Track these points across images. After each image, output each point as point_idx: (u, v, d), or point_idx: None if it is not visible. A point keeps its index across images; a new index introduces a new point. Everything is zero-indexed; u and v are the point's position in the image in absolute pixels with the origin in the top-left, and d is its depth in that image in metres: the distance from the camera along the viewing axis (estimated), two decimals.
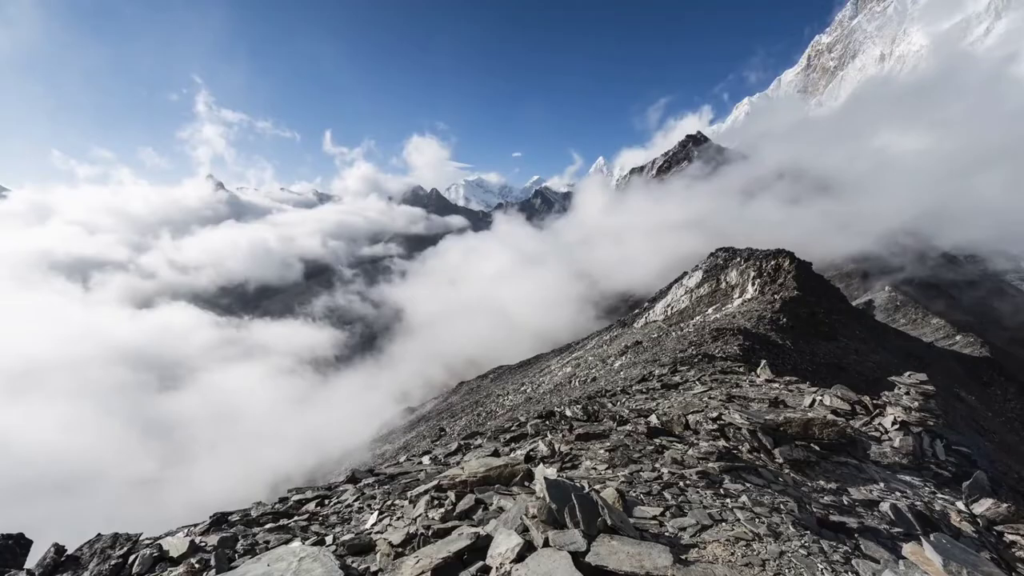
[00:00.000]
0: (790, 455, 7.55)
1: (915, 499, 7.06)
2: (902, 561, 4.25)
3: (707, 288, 41.89)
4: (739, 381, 14.90)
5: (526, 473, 6.44)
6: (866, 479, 7.60)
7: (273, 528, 6.52)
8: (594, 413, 11.61)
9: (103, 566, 5.21)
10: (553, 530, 4.19)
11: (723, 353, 21.65)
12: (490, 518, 5.14)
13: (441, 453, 11.12)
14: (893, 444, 8.84)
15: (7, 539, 6.12)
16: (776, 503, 5.64)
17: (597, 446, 8.15)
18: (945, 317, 59.84)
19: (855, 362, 27.54)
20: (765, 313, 30.47)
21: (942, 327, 56.40)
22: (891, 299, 66.36)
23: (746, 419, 8.26)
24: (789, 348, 25.38)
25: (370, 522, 6.26)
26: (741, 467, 6.87)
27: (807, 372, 22.25)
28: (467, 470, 6.51)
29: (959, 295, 78.50)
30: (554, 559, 3.80)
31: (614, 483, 5.99)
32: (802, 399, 11.38)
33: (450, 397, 54.71)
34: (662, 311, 44.70)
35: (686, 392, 13.92)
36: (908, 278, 76.44)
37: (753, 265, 39.21)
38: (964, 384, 34.53)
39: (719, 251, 47.25)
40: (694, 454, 7.35)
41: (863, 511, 6.26)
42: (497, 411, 32.43)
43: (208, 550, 5.49)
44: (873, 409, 10.12)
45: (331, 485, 9.31)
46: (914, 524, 5.89)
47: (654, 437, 8.51)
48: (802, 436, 8.13)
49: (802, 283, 36.00)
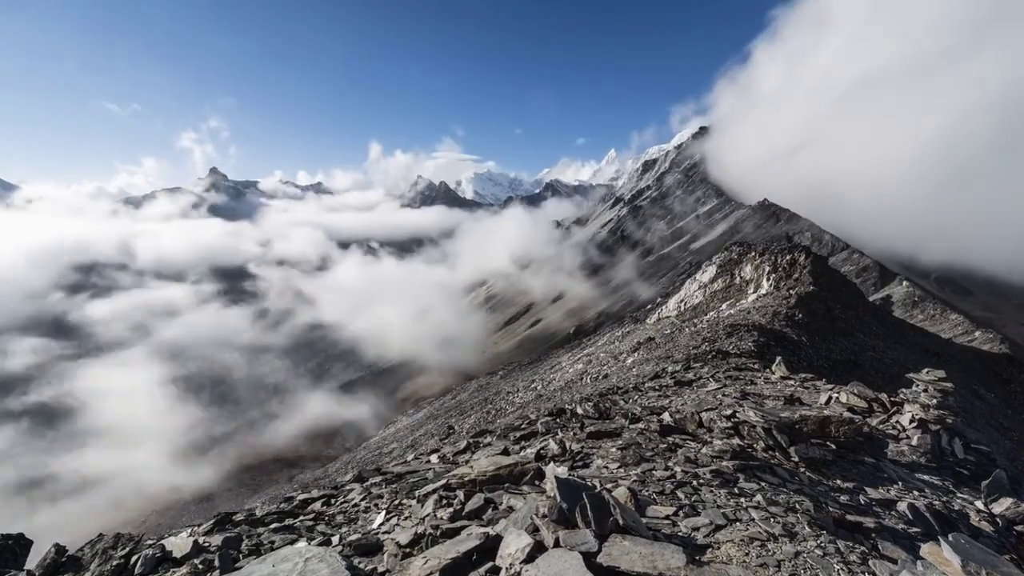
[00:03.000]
0: (806, 454, 7.43)
1: (933, 498, 6.96)
2: (920, 562, 4.15)
3: (721, 283, 41.54)
4: (754, 378, 14.80)
5: (536, 472, 6.39)
6: (883, 478, 7.50)
7: (278, 528, 6.52)
8: (606, 411, 11.55)
9: (105, 567, 5.21)
10: (564, 530, 4.12)
11: (737, 350, 21.48)
12: (500, 518, 5.09)
13: (450, 451, 11.10)
14: (911, 442, 8.76)
15: (7, 539, 6.14)
16: (792, 502, 5.55)
17: (609, 444, 8.08)
18: (964, 313, 59.03)
19: (872, 359, 27.24)
20: (780, 309, 30.17)
21: (961, 323, 55.61)
22: (909, 294, 65.50)
23: (761, 417, 8.14)
24: (805, 344, 25.15)
25: (377, 522, 6.25)
26: (756, 466, 6.76)
27: (823, 369, 22.08)
28: (476, 469, 6.47)
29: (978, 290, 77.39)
30: (565, 559, 3.74)
31: (626, 482, 5.91)
32: (818, 396, 11.29)
33: (459, 394, 54.76)
34: (675, 307, 44.45)
35: (700, 389, 13.84)
36: (926, 272, 75.47)
37: (768, 260, 38.85)
38: (983, 381, 33.94)
39: (733, 246, 46.81)
40: (708, 452, 7.27)
41: (880, 511, 6.15)
42: (507, 409, 32.40)
43: (212, 551, 5.47)
44: (890, 407, 10.03)
45: (337, 484, 9.31)
46: (932, 524, 5.79)
47: (667, 435, 8.44)
48: (818, 434, 8.02)
49: (818, 278, 35.61)
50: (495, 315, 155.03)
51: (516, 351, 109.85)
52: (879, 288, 71.00)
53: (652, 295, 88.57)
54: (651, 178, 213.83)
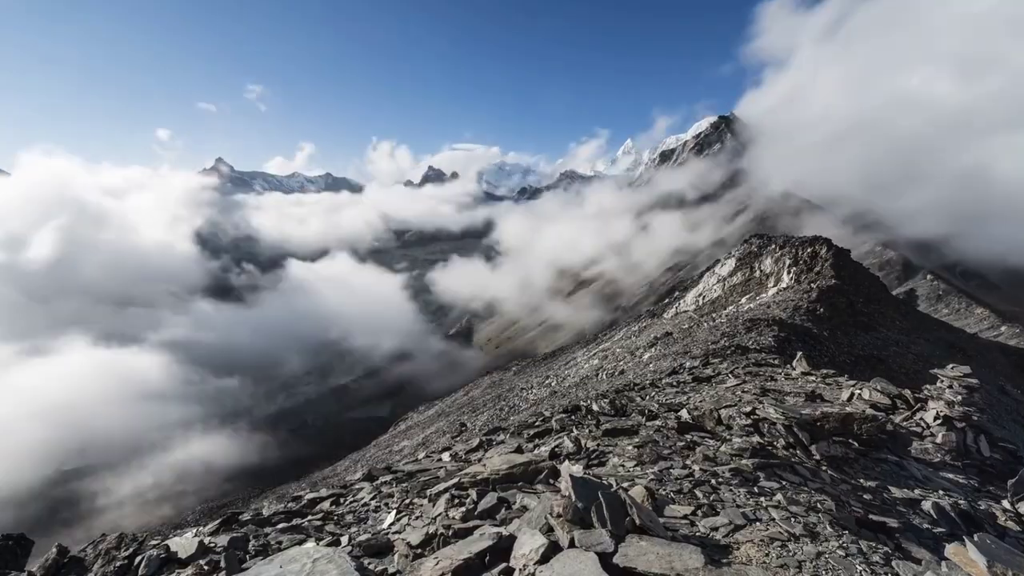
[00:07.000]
0: (827, 451, 7.34)
1: (958, 497, 6.88)
2: (944, 562, 4.12)
3: (740, 276, 41.06)
4: (774, 374, 14.67)
5: (551, 470, 6.36)
6: (907, 476, 7.44)
7: (286, 528, 6.51)
8: (622, 407, 11.49)
9: (108, 568, 5.23)
10: (579, 530, 4.09)
11: (757, 345, 21.28)
12: (513, 517, 5.06)
13: (462, 449, 11.08)
14: (935, 440, 8.73)
15: (7, 539, 6.17)
16: (813, 502, 5.49)
17: (625, 442, 8.02)
18: (990, 307, 57.95)
19: (895, 354, 26.82)
20: (801, 303, 29.84)
21: (987, 317, 54.71)
22: (933, 288, 64.53)
23: (781, 414, 8.05)
24: (826, 339, 24.87)
25: (387, 522, 6.24)
26: (776, 464, 6.68)
27: (845, 365, 21.83)
28: (489, 467, 6.45)
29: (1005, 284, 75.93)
30: (580, 560, 3.71)
31: (643, 481, 5.86)
32: (840, 393, 11.16)
33: (471, 391, 54.76)
34: (693, 301, 44.00)
35: (718, 385, 13.74)
36: (951, 265, 74.19)
37: (789, 252, 38.35)
38: (1010, 377, 33.24)
39: (753, 238, 46.14)
40: (727, 450, 7.20)
41: (904, 510, 6.08)
42: (520, 405, 32.28)
43: (218, 551, 5.47)
44: (914, 403, 9.96)
45: (347, 483, 9.30)
46: (957, 523, 5.73)
47: (685, 433, 8.39)
48: (840, 432, 7.93)
49: (840, 271, 35.15)
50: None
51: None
52: (903, 282, 69.96)
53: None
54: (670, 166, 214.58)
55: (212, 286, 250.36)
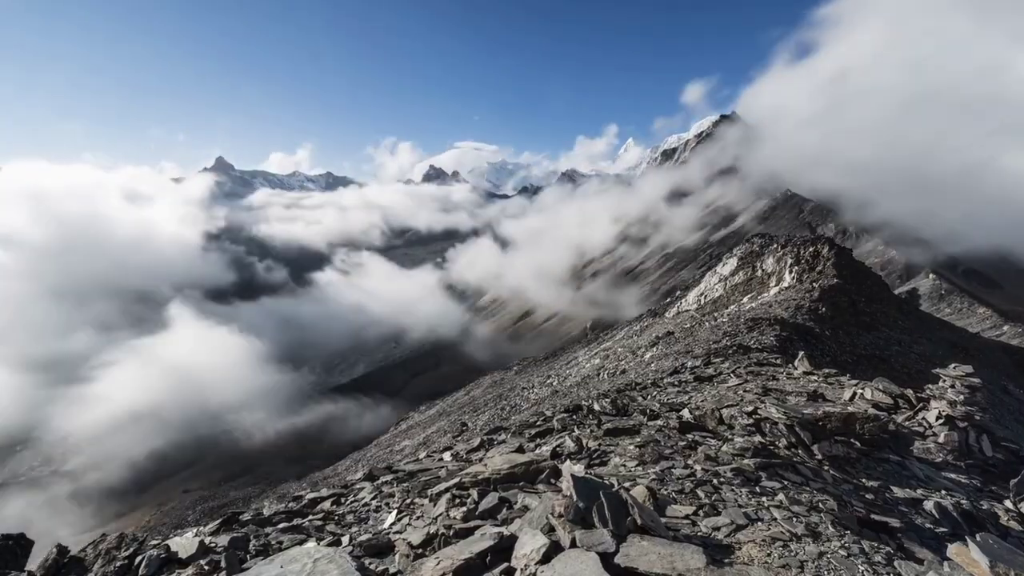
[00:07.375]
0: (829, 451, 7.33)
1: (960, 497, 6.86)
2: (947, 562, 4.13)
3: (742, 276, 40.97)
4: (776, 373, 14.64)
5: (552, 470, 6.35)
6: (909, 476, 7.42)
7: (287, 528, 6.49)
8: (623, 407, 11.47)
9: (108, 568, 5.21)
10: (581, 530, 4.09)
11: (759, 344, 21.21)
12: (514, 517, 5.06)
13: (463, 449, 11.07)
14: (938, 439, 8.72)
15: (7, 539, 6.13)
16: (815, 502, 5.48)
17: (627, 442, 8.00)
18: (992, 306, 57.83)
19: (897, 354, 26.74)
20: (803, 302, 29.76)
21: (989, 316, 54.60)
22: (935, 287, 64.39)
23: (783, 413, 8.04)
24: (828, 339, 24.80)
25: (388, 521, 6.23)
26: (778, 464, 6.66)
27: (847, 364, 21.79)
28: (490, 467, 6.44)
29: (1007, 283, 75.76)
30: (582, 560, 3.71)
31: (645, 480, 5.86)
32: (842, 392, 11.14)
33: (473, 390, 54.75)
34: (695, 300, 43.92)
35: (720, 385, 13.71)
36: (954, 264, 74.04)
37: (791, 252, 38.27)
38: (1012, 377, 33.11)
39: (755, 237, 46.10)
40: (728, 450, 7.18)
41: (906, 510, 6.08)
42: (522, 405, 32.25)
43: (218, 551, 5.45)
44: (916, 403, 9.94)
45: (347, 483, 9.29)
46: (960, 523, 5.73)
47: (686, 432, 8.38)
48: (842, 431, 7.91)
49: (842, 271, 35.05)
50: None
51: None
52: (905, 281, 69.85)
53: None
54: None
55: (238, 284, 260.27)
